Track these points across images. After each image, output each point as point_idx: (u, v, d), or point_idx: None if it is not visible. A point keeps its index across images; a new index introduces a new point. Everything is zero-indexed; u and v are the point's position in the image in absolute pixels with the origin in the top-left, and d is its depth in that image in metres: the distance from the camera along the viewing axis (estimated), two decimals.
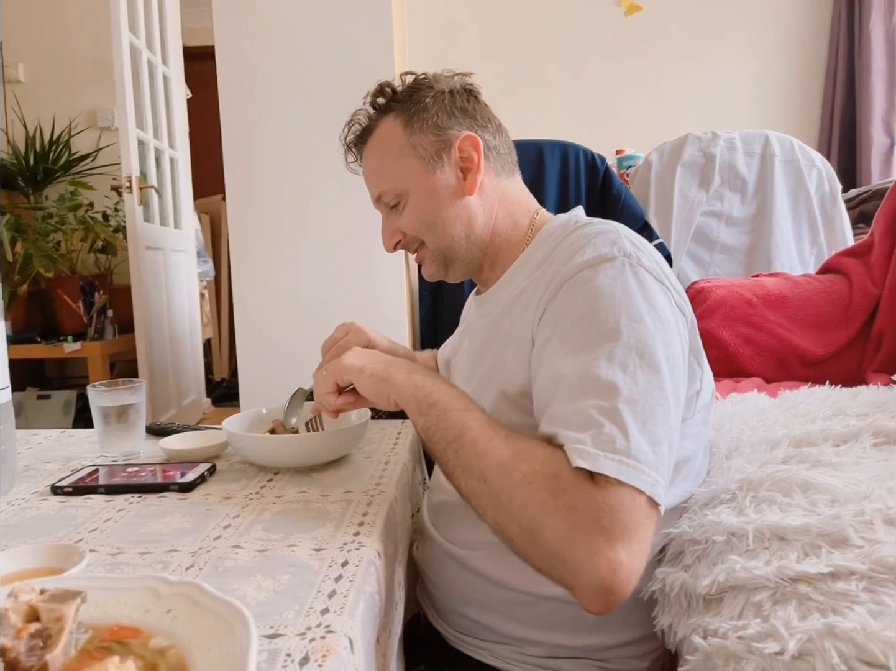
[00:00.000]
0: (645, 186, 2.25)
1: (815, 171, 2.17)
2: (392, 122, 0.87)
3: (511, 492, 0.63)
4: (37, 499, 0.82)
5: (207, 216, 4.01)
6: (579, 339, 0.69)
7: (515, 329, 0.80)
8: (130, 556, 0.64)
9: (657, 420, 0.64)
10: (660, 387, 0.66)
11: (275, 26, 2.23)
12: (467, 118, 0.87)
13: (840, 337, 1.55)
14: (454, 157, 0.86)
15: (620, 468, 0.60)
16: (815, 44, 3.52)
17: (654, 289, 0.72)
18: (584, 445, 0.62)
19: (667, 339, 0.69)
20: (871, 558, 0.58)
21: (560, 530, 0.60)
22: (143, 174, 2.85)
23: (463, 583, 0.84)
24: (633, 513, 0.60)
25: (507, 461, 0.64)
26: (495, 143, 0.89)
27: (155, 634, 0.45)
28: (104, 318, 3.16)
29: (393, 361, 0.80)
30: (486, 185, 0.88)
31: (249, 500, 0.79)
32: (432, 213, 0.87)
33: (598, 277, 0.71)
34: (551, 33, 3.59)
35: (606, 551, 0.58)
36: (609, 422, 0.62)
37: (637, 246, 0.75)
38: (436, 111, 0.86)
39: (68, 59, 3.63)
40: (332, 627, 0.50)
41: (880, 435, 0.87)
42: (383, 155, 0.88)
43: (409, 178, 0.87)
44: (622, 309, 0.68)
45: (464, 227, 0.87)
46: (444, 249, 0.90)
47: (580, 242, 0.77)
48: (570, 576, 0.60)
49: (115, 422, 0.96)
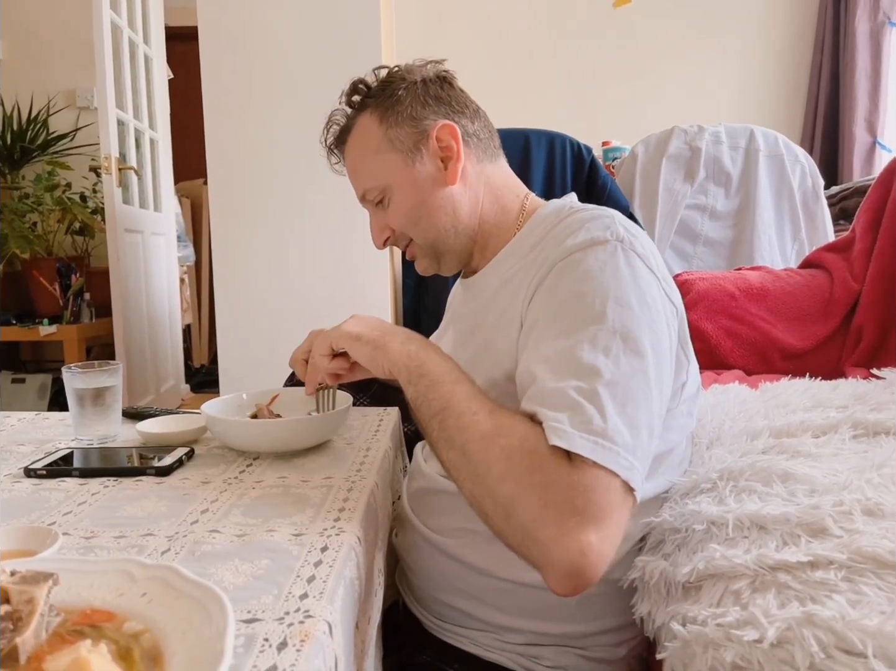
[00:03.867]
0: (630, 178, 2.25)
1: (799, 166, 2.18)
2: (368, 118, 0.86)
3: (488, 466, 0.63)
4: (9, 481, 0.80)
5: (188, 200, 3.95)
6: (565, 322, 0.69)
7: (504, 314, 0.80)
8: (105, 540, 0.63)
9: (638, 405, 0.64)
10: (643, 372, 0.66)
11: (259, 7, 2.19)
12: (442, 106, 0.86)
13: (820, 331, 1.56)
14: (433, 148, 0.85)
15: (595, 449, 0.60)
16: (800, 41, 3.54)
17: (644, 275, 0.71)
18: (562, 424, 0.61)
19: (653, 327, 0.69)
20: (849, 548, 0.58)
21: (533, 507, 0.60)
22: (122, 155, 2.81)
23: (442, 571, 0.84)
24: (606, 496, 0.59)
25: (488, 435, 0.64)
26: (474, 129, 0.88)
27: (129, 618, 0.44)
28: (81, 300, 3.11)
29: (390, 329, 0.79)
30: (469, 171, 0.87)
31: (228, 485, 0.78)
32: (417, 206, 0.86)
33: (589, 260, 0.71)
34: (539, 25, 3.58)
35: (577, 533, 0.58)
36: (588, 403, 0.62)
37: (631, 232, 0.75)
38: (410, 102, 0.85)
39: (48, 37, 3.55)
40: (311, 612, 0.49)
41: (859, 427, 0.88)
42: (363, 152, 0.88)
43: (390, 173, 0.86)
44: (610, 292, 0.68)
45: (449, 218, 0.87)
46: (432, 242, 0.89)
47: (573, 227, 0.76)
48: (540, 556, 0.60)
49: (90, 405, 0.94)
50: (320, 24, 2.18)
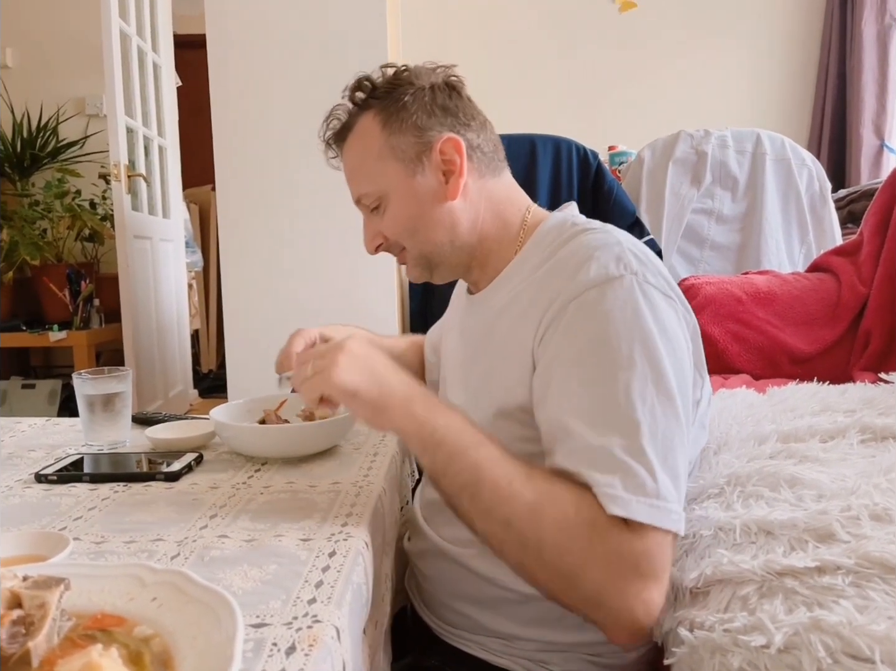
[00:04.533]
0: (636, 183, 2.25)
1: (806, 170, 2.18)
2: (371, 120, 0.83)
3: (541, 539, 0.63)
4: (20, 486, 0.81)
5: (196, 206, 3.98)
6: (593, 369, 0.67)
7: (512, 339, 0.77)
8: (115, 545, 0.64)
9: (675, 451, 0.65)
10: (675, 415, 0.66)
11: (267, 15, 2.21)
12: (449, 117, 0.83)
13: (828, 335, 1.56)
14: (435, 160, 0.81)
15: (652, 512, 0.61)
16: (807, 43, 3.53)
17: (662, 307, 0.70)
18: (615, 490, 0.62)
19: (677, 363, 0.69)
20: (857, 553, 0.58)
21: (598, 578, 0.62)
22: (131, 162, 2.82)
23: (453, 579, 0.84)
24: (664, 554, 0.62)
25: (535, 507, 0.64)
26: (479, 142, 0.84)
27: (139, 623, 0.45)
28: (90, 306, 3.13)
29: (386, 378, 0.71)
30: (471, 187, 0.84)
31: (237, 490, 0.79)
32: (414, 218, 0.84)
33: (607, 299, 0.69)
34: (545, 29, 3.59)
35: (643, 594, 0.61)
36: (636, 463, 0.63)
37: (642, 260, 0.73)
38: (416, 110, 0.82)
39: (57, 45, 3.58)
40: (319, 617, 0.50)
41: (867, 431, 0.88)
42: (363, 155, 0.85)
43: (388, 181, 0.83)
44: (635, 334, 0.67)
45: (447, 232, 0.84)
46: (427, 254, 0.87)
47: (581, 254, 0.74)
48: (606, 619, 0.63)
49: (100, 411, 0.95)
50: (327, 32, 2.19)
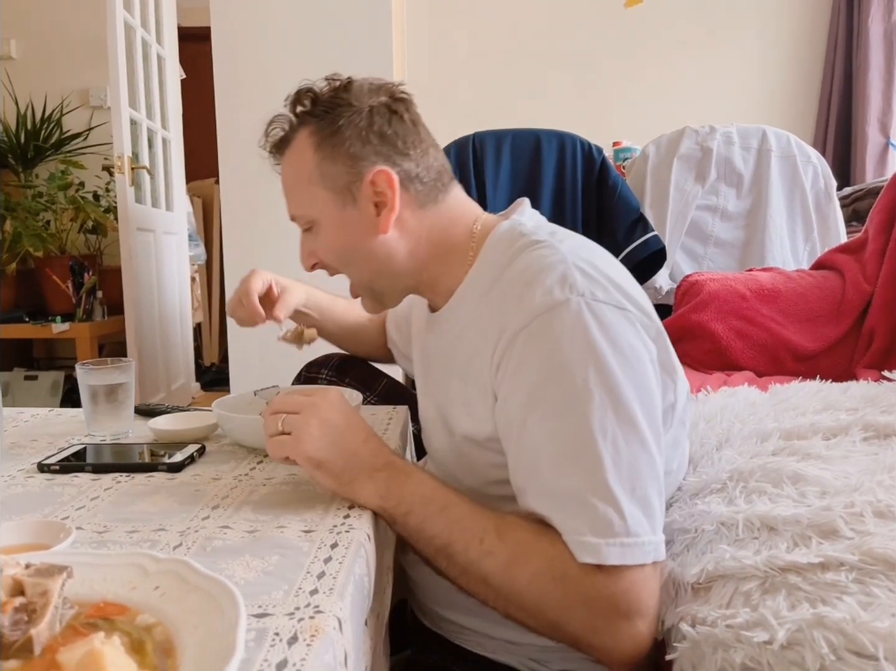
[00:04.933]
0: (641, 179, 2.24)
1: (811, 167, 2.17)
2: (306, 139, 0.79)
3: (521, 594, 0.65)
4: (23, 476, 0.81)
5: (199, 199, 3.97)
6: (549, 405, 0.66)
7: (473, 368, 0.75)
8: (118, 534, 0.64)
9: (643, 478, 0.64)
10: (640, 441, 0.65)
11: (271, 7, 2.20)
12: (385, 145, 0.77)
13: (832, 332, 1.56)
14: (366, 192, 0.77)
15: (624, 552, 0.61)
16: (813, 41, 3.52)
17: (615, 323, 0.66)
18: (584, 536, 0.62)
19: (638, 381, 0.66)
20: (861, 549, 0.58)
21: (580, 623, 0.63)
22: (135, 154, 2.82)
23: (447, 587, 0.80)
24: (645, 587, 0.63)
25: (508, 564, 0.64)
26: (418, 171, 0.79)
27: (142, 611, 0.45)
28: (93, 298, 3.13)
29: (353, 451, 0.70)
30: (408, 218, 0.79)
31: (239, 482, 0.79)
32: (346, 249, 0.81)
33: (555, 328, 0.66)
34: (550, 24, 3.58)
35: (629, 631, 0.62)
36: (601, 503, 0.62)
37: (589, 274, 0.69)
38: (350, 136, 0.77)
39: (61, 37, 3.57)
40: (321, 607, 0.50)
41: (870, 429, 0.88)
42: (296, 177, 0.82)
43: (318, 209, 0.80)
44: (588, 362, 0.64)
45: (383, 263, 0.81)
46: (367, 283, 0.84)
47: (526, 277, 0.70)
48: (597, 655, 0.65)
49: (103, 402, 0.95)
50: (332, 24, 2.18)
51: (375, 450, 0.72)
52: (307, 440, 0.69)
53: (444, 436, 0.84)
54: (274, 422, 0.71)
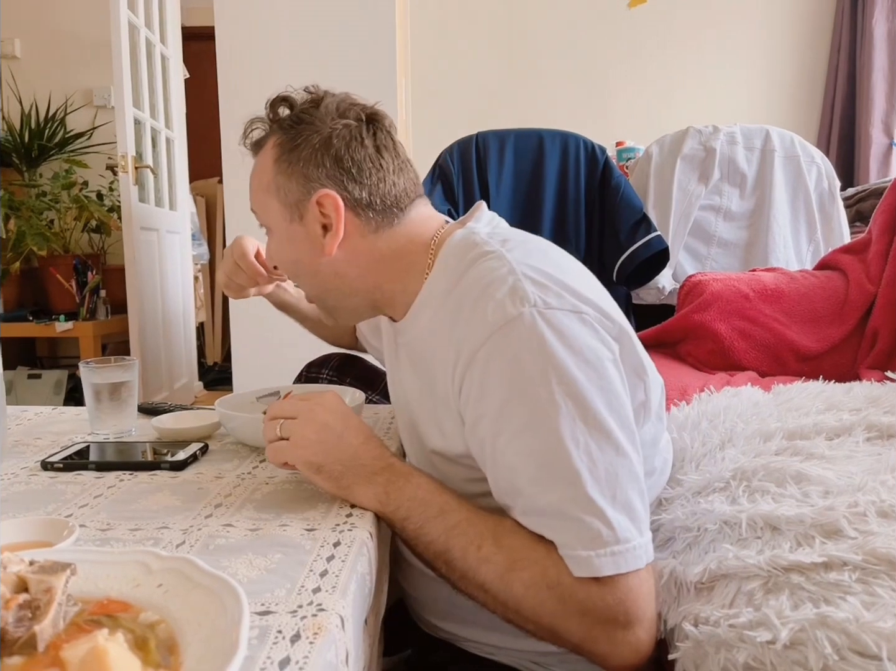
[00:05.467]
0: (644, 179, 2.24)
1: (815, 167, 2.17)
2: (270, 148, 0.80)
3: (518, 602, 0.65)
4: (26, 474, 0.81)
5: (203, 199, 3.98)
6: (518, 423, 0.65)
7: (436, 384, 0.74)
8: (121, 532, 0.64)
9: (623, 483, 0.64)
10: (613, 446, 0.64)
11: (275, 7, 2.21)
12: (338, 170, 0.76)
13: (835, 333, 1.55)
14: (313, 213, 0.77)
15: (617, 561, 0.62)
16: (817, 41, 3.51)
17: (570, 328, 0.65)
18: (574, 550, 0.63)
19: (602, 383, 0.65)
20: (864, 549, 0.58)
21: (577, 631, 0.63)
22: (138, 154, 2.83)
23: (441, 599, 0.81)
24: (639, 593, 0.63)
25: (504, 572, 0.65)
26: (371, 199, 0.77)
27: (145, 608, 0.45)
28: (97, 297, 3.14)
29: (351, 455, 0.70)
30: (357, 243, 0.78)
31: (241, 480, 0.79)
32: (293, 262, 0.82)
33: (512, 343, 0.65)
34: (554, 24, 3.58)
35: (628, 639, 0.63)
36: (586, 515, 0.62)
37: (538, 282, 0.67)
38: (306, 155, 0.76)
39: (65, 36, 3.58)
40: (323, 605, 0.50)
41: (873, 429, 0.88)
42: (257, 180, 0.82)
43: (271, 218, 0.81)
44: (549, 373, 0.64)
45: (330, 282, 0.81)
46: (318, 296, 0.85)
47: (477, 291, 0.69)
48: (598, 661, 0.65)
49: (106, 400, 0.95)
50: (335, 25, 2.18)
51: (374, 452, 0.71)
52: (305, 444, 0.69)
53: (416, 448, 0.84)
54: (272, 428, 0.71)
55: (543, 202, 1.95)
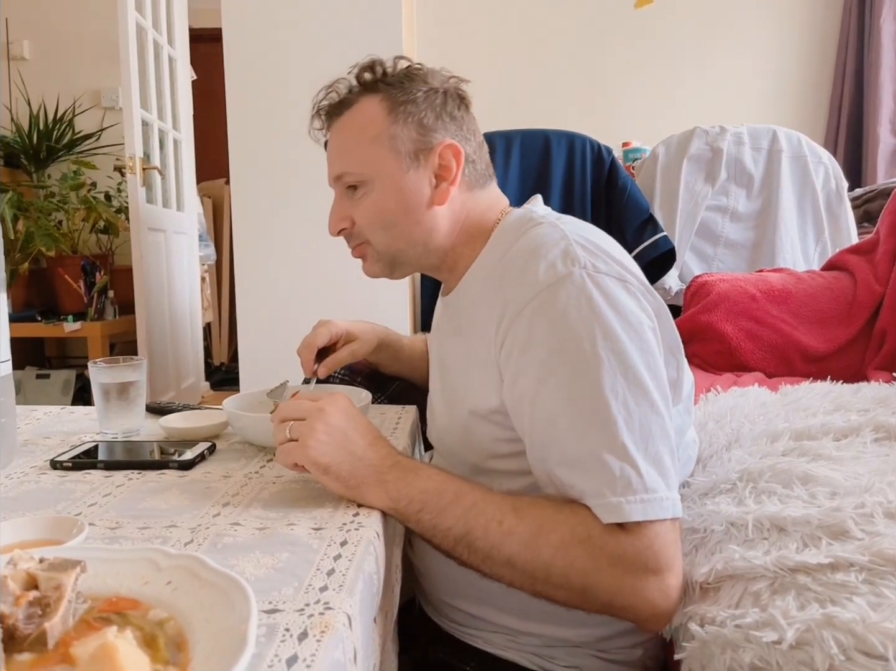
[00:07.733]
0: (650, 179, 2.24)
1: (822, 167, 2.16)
2: (376, 103, 0.81)
3: (547, 569, 0.65)
4: (35, 473, 0.82)
5: (210, 200, 3.99)
6: (561, 375, 0.68)
7: (478, 343, 0.78)
8: (129, 531, 0.64)
9: (655, 438, 0.66)
10: (649, 402, 0.67)
11: (282, 9, 2.21)
12: (454, 125, 0.82)
13: (842, 334, 1.55)
14: (432, 163, 0.80)
15: (645, 508, 0.63)
16: (824, 41, 3.50)
17: (618, 294, 0.69)
18: (606, 498, 0.64)
19: (642, 345, 0.68)
20: (871, 550, 0.58)
21: (609, 586, 0.64)
22: (146, 155, 2.84)
23: (453, 577, 0.83)
24: (668, 543, 0.64)
25: (531, 539, 0.65)
26: (475, 158, 0.84)
27: (154, 606, 0.45)
28: (105, 298, 3.16)
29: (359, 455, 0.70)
30: (457, 197, 0.83)
31: (249, 479, 0.79)
32: (395, 213, 0.82)
33: (560, 299, 0.68)
34: (560, 24, 3.57)
35: (659, 586, 0.64)
36: (618, 461, 0.64)
37: (589, 249, 0.72)
38: (425, 108, 0.80)
39: (74, 38, 3.60)
40: (330, 604, 0.50)
41: (881, 430, 0.88)
42: (358, 135, 0.82)
43: (378, 168, 0.81)
44: (595, 330, 0.67)
45: (424, 236, 0.83)
46: (394, 252, 0.85)
47: (528, 253, 0.73)
48: (629, 616, 0.66)
49: (115, 399, 0.96)
50: (342, 26, 2.19)
51: (381, 452, 0.72)
52: (313, 445, 0.70)
53: (449, 413, 0.86)
54: (282, 430, 0.72)
55: (549, 203, 1.94)
